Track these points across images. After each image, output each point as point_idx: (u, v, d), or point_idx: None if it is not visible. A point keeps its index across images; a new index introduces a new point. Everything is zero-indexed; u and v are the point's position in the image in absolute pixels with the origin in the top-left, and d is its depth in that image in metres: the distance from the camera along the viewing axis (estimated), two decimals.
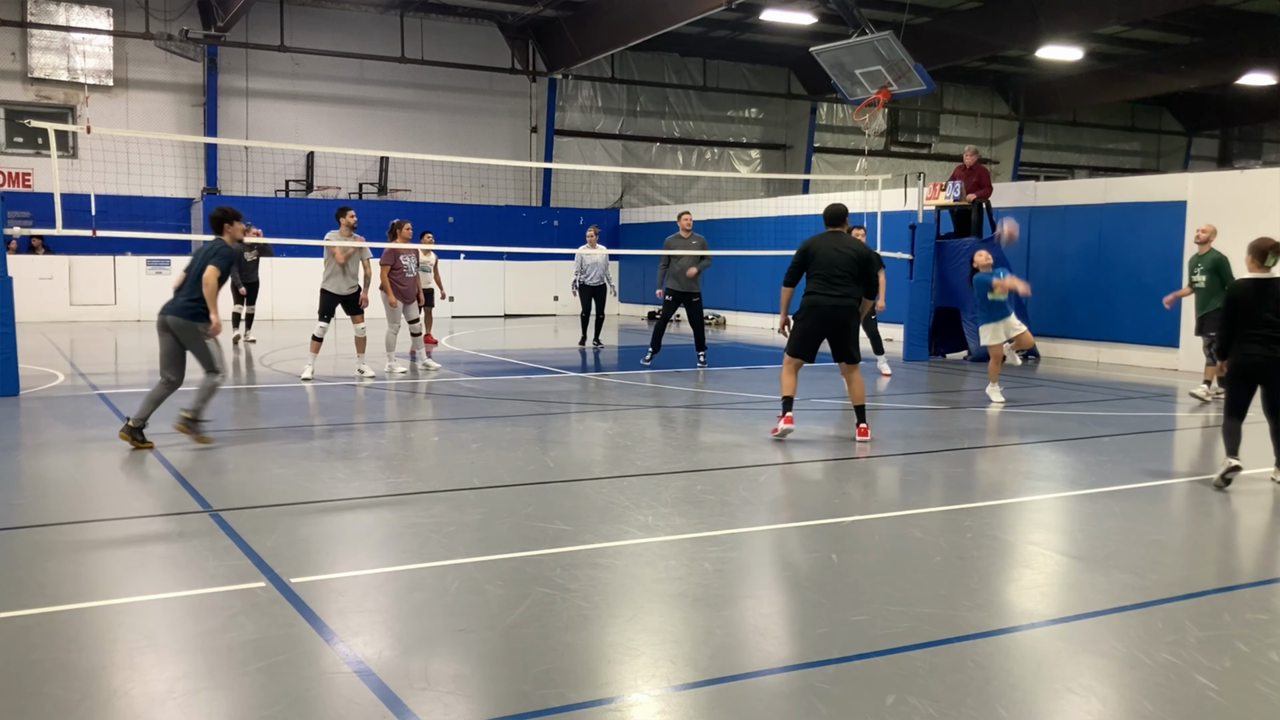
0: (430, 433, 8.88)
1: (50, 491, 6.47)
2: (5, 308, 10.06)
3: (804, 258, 8.26)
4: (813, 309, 8.20)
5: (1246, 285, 6.88)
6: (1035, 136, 33.99)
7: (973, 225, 15.42)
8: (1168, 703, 3.53)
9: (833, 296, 8.15)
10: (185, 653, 3.87)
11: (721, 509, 6.12)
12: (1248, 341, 6.76)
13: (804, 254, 8.26)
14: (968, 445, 8.44)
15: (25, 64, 21.97)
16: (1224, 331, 6.92)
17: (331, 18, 24.14)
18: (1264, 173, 14.10)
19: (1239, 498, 6.68)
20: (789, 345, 8.33)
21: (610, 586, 4.69)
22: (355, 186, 24.54)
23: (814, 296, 8.19)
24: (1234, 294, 6.91)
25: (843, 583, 4.80)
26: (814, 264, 8.20)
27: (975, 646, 4.01)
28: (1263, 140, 36.27)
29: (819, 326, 8.21)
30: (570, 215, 26.16)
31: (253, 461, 7.44)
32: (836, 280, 8.15)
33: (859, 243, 8.41)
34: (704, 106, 29.34)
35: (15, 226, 12.66)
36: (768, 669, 3.82)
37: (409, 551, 5.22)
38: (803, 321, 8.27)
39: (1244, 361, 6.78)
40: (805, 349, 8.27)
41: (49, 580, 4.70)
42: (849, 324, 8.22)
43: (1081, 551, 5.41)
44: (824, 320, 8.18)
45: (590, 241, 16.05)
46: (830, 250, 8.20)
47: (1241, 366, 6.81)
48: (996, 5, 23.08)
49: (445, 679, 3.65)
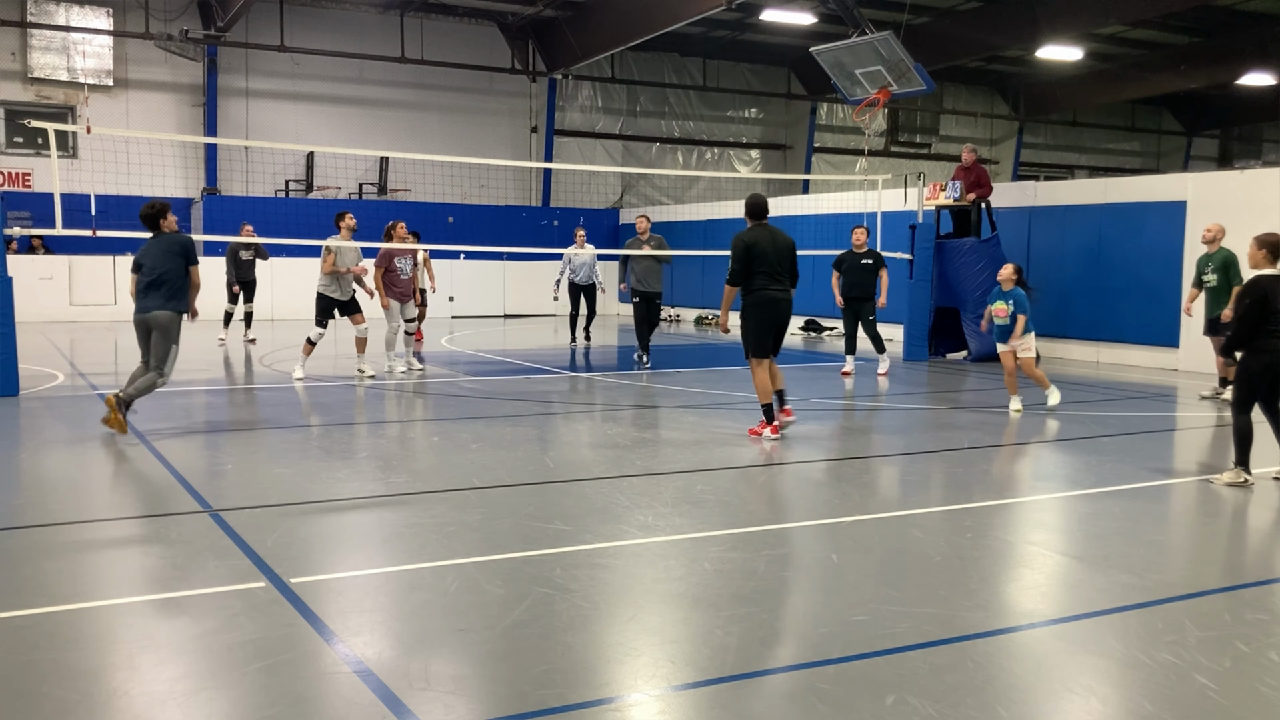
0: (430, 433, 8.88)
1: (50, 491, 6.47)
2: (5, 308, 10.06)
3: (750, 254, 8.12)
4: (767, 304, 8.18)
5: (1272, 280, 6.81)
6: (1035, 136, 34.00)
7: (973, 225, 15.42)
8: (1168, 703, 3.53)
9: (779, 291, 8.19)
10: (185, 653, 3.87)
11: (721, 509, 6.12)
12: (1274, 338, 6.74)
13: (749, 251, 8.12)
14: (968, 445, 8.44)
15: (25, 64, 21.97)
16: (1244, 327, 6.81)
17: (331, 18, 24.14)
18: (1264, 173, 14.10)
19: (1239, 498, 6.68)
20: (753, 348, 8.27)
21: (610, 586, 4.69)
22: (355, 186, 24.54)
23: (765, 292, 8.16)
24: (1262, 290, 6.78)
25: (843, 583, 4.80)
26: (758, 260, 8.11)
27: (975, 646, 4.01)
28: (1263, 140, 36.28)
29: (774, 322, 8.22)
30: (570, 215, 26.16)
31: (253, 461, 7.44)
32: (778, 275, 8.18)
33: (785, 234, 8.41)
34: (704, 106, 29.34)
35: (15, 226, 12.66)
36: (768, 669, 3.82)
37: (409, 551, 5.22)
38: (758, 318, 8.23)
39: (1271, 360, 6.77)
40: (767, 347, 8.28)
41: (49, 580, 4.70)
42: (788, 318, 8.36)
43: (1081, 551, 5.41)
44: (778, 315, 8.22)
45: (579, 241, 16.11)
46: (769, 245, 8.15)
47: (1269, 365, 6.78)
48: (996, 5, 23.08)
49: (445, 679, 3.65)
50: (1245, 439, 6.89)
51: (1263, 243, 7.00)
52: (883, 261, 12.86)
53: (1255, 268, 7.06)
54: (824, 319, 19.97)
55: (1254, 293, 6.81)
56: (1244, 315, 6.81)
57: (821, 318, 20.03)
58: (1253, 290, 6.83)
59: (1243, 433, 6.89)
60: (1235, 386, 7.06)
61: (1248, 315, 6.79)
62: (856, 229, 13.09)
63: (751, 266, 8.11)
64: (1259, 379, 6.86)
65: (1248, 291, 6.86)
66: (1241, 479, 6.86)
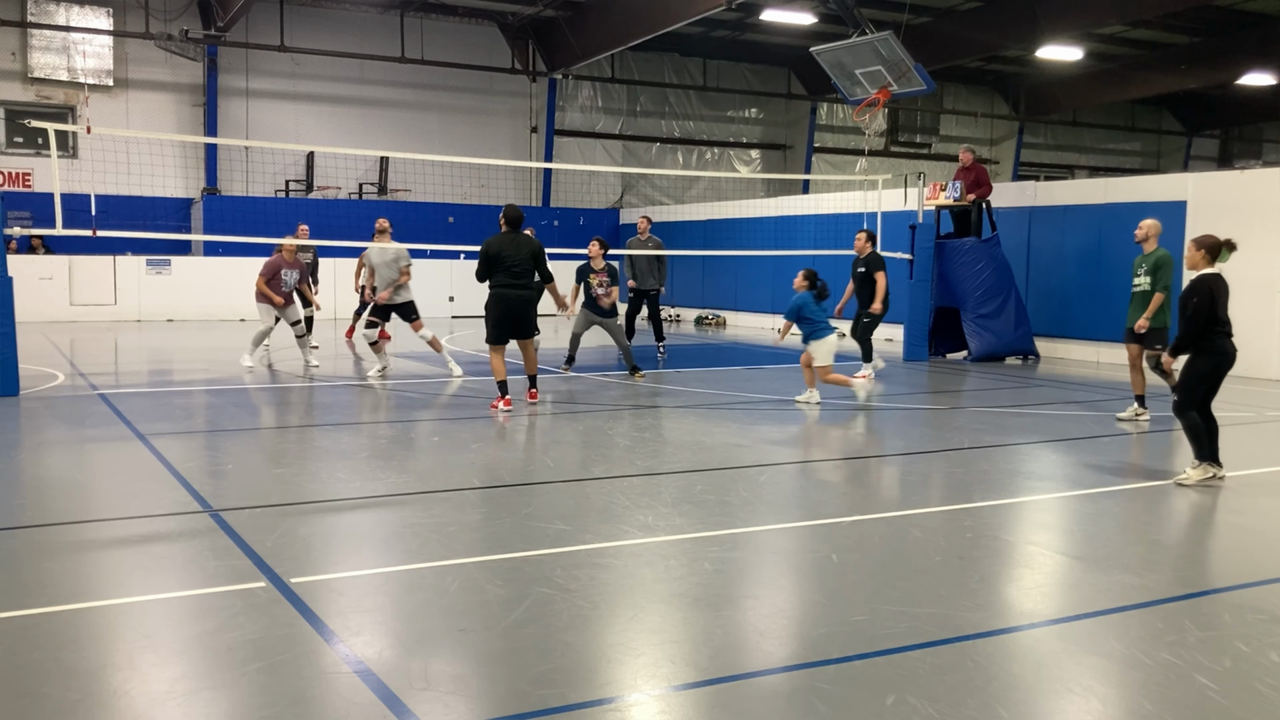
0: (430, 433, 8.88)
1: (50, 491, 6.47)
2: (5, 308, 10.06)
3: (489, 257, 9.48)
4: (502, 300, 9.55)
5: (1216, 279, 6.79)
6: (1035, 136, 33.99)
7: (973, 225, 15.43)
8: (1168, 703, 3.53)
9: (515, 289, 9.57)
10: (185, 653, 3.87)
11: (721, 509, 6.12)
12: (1222, 337, 6.75)
13: (489, 255, 9.49)
14: (968, 445, 8.44)
15: (25, 64, 21.98)
16: (1194, 328, 6.77)
17: (331, 18, 24.14)
18: (1264, 173, 14.10)
19: (1238, 498, 6.68)
20: (491, 335, 9.70)
21: (610, 586, 4.69)
22: (355, 186, 24.55)
23: (501, 290, 9.53)
24: (1209, 288, 6.74)
25: (843, 583, 4.80)
26: (497, 262, 9.47)
27: (975, 646, 4.01)
28: (1263, 140, 36.28)
29: (509, 314, 9.60)
30: (570, 215, 26.17)
31: (253, 461, 7.44)
32: (518, 275, 9.55)
33: (532, 240, 9.74)
34: (704, 106, 29.35)
35: (15, 226, 12.67)
36: (768, 669, 3.81)
37: (409, 551, 5.22)
38: (496, 311, 9.61)
39: (1222, 360, 6.78)
40: (503, 336, 9.69)
41: (49, 580, 4.70)
42: (528, 310, 9.78)
43: (1081, 551, 5.41)
44: (512, 308, 9.59)
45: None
46: (511, 249, 9.53)
47: (1218, 364, 6.79)
48: (996, 5, 23.08)
49: (445, 679, 3.65)
50: (1198, 432, 6.87)
51: (1200, 244, 6.96)
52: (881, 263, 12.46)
53: (1193, 269, 7.00)
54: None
55: (1200, 292, 6.77)
56: (1192, 316, 6.76)
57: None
58: (1199, 290, 6.78)
59: (1193, 428, 6.87)
60: (1180, 388, 6.99)
61: (1196, 316, 6.75)
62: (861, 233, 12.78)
63: (492, 268, 9.50)
64: (1204, 381, 6.83)
65: (1194, 291, 6.80)
66: (1211, 474, 6.84)
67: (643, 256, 14.18)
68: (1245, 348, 13.24)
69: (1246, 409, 10.55)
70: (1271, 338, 13.16)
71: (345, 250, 17.56)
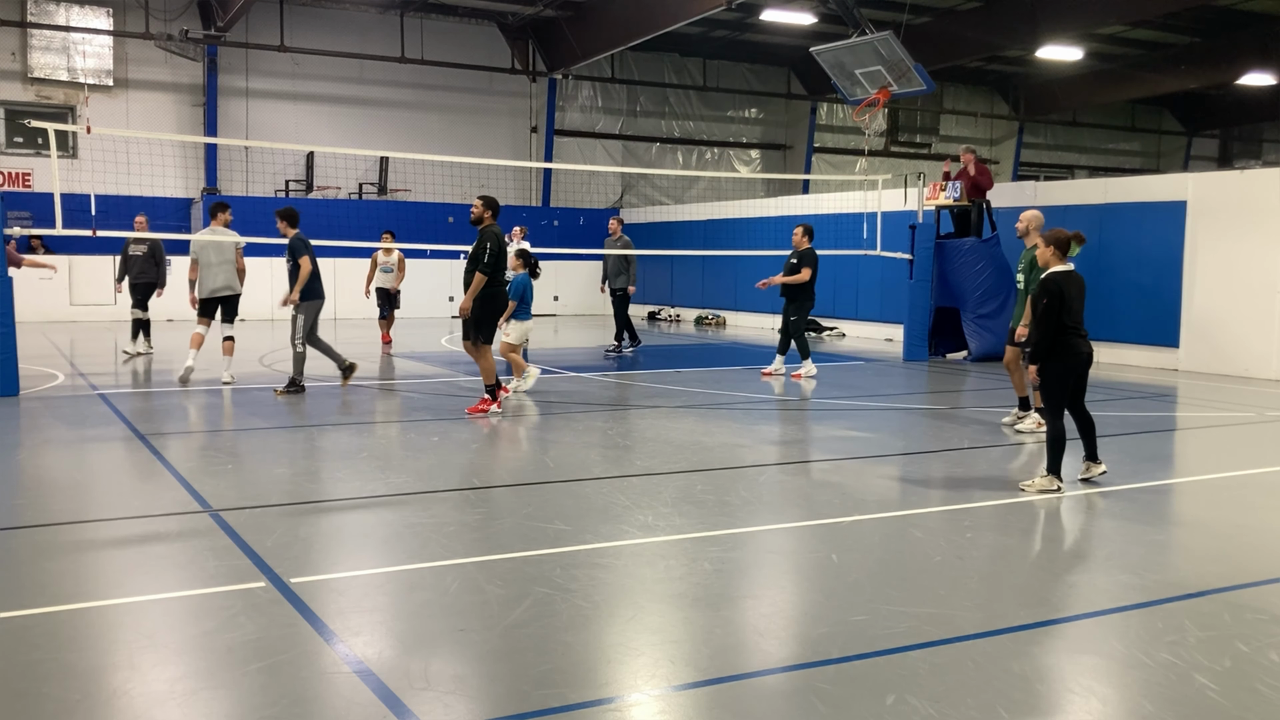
0: (430, 433, 8.88)
1: (50, 491, 6.47)
2: (5, 308, 10.06)
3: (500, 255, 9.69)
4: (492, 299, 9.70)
5: (1068, 276, 6.45)
6: (1035, 136, 33.99)
7: (973, 225, 15.42)
8: (1168, 703, 3.53)
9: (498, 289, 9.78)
10: (185, 653, 3.87)
11: (721, 509, 6.12)
12: (1076, 337, 6.45)
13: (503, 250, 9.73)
14: (968, 445, 8.44)
15: (25, 64, 21.97)
16: (1046, 330, 6.38)
17: (331, 18, 24.13)
18: (1264, 173, 14.09)
19: (1237, 498, 6.68)
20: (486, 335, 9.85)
21: (610, 586, 4.69)
22: (355, 186, 24.54)
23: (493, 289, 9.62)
24: (1057, 287, 6.37)
25: (843, 583, 4.80)
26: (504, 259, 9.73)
27: (975, 646, 4.01)
28: (1263, 140, 36.27)
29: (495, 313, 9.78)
30: (570, 215, 26.16)
31: (253, 461, 7.44)
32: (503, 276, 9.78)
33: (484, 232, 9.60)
34: (704, 106, 29.34)
35: (15, 226, 12.66)
36: (768, 669, 3.82)
37: (409, 551, 5.22)
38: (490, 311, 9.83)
39: (1076, 363, 6.50)
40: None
41: (49, 580, 4.70)
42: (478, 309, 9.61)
43: (1081, 551, 5.41)
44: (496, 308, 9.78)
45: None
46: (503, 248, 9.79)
47: (1073, 367, 6.50)
48: (996, 5, 23.07)
49: (445, 679, 3.65)
50: (1060, 445, 6.55)
51: (1049, 239, 6.59)
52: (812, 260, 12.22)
53: (1045, 266, 6.65)
54: (823, 319, 19.97)
55: (1049, 292, 6.37)
56: (1042, 317, 6.38)
57: (820, 318, 20.02)
58: (1047, 289, 6.38)
59: (1057, 439, 6.55)
60: (1043, 393, 6.65)
61: (1046, 317, 6.37)
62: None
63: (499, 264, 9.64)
64: (1062, 386, 6.52)
65: (1042, 292, 6.41)
66: (1054, 486, 6.55)
67: (612, 257, 15.37)
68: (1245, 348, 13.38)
69: (1246, 409, 10.55)
70: (1271, 338, 13.16)
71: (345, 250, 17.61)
